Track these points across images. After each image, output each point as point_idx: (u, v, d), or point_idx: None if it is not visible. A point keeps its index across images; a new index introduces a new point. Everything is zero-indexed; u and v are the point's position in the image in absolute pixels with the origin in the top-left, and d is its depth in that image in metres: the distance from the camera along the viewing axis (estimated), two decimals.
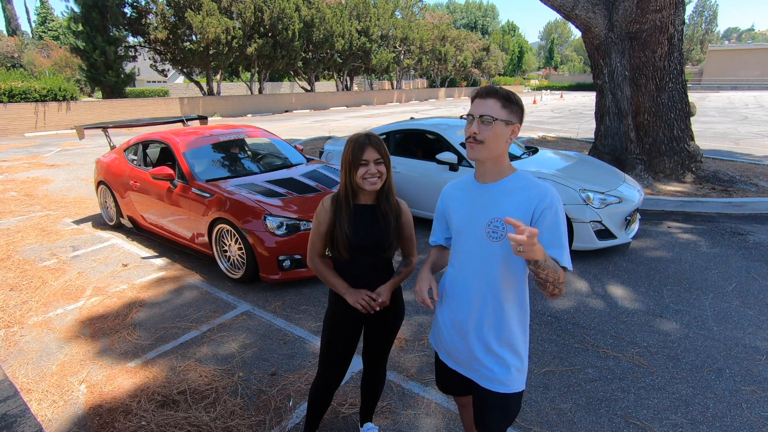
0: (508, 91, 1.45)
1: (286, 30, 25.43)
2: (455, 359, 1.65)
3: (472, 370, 1.59)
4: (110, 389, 2.74)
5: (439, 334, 1.72)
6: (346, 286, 1.85)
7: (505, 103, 1.43)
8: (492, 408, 1.58)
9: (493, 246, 1.47)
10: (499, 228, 1.45)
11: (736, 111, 22.03)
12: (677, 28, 7.01)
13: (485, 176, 1.53)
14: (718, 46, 57.55)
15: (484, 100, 1.44)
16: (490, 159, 1.47)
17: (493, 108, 1.42)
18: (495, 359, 1.53)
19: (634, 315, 3.48)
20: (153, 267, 4.61)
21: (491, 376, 1.54)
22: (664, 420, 2.40)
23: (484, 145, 1.44)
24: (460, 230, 1.56)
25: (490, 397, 1.56)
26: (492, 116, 1.41)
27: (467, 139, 1.47)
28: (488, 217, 1.48)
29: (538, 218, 1.43)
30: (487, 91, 1.45)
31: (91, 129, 6.07)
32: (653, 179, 7.22)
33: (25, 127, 17.72)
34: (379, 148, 1.76)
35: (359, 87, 45.22)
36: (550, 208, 1.42)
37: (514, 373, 1.53)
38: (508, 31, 78.46)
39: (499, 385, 1.53)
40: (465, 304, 1.56)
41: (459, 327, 1.59)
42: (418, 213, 5.46)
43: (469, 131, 1.45)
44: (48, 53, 38.58)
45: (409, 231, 1.94)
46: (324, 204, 1.86)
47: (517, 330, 1.54)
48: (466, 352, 1.59)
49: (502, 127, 1.42)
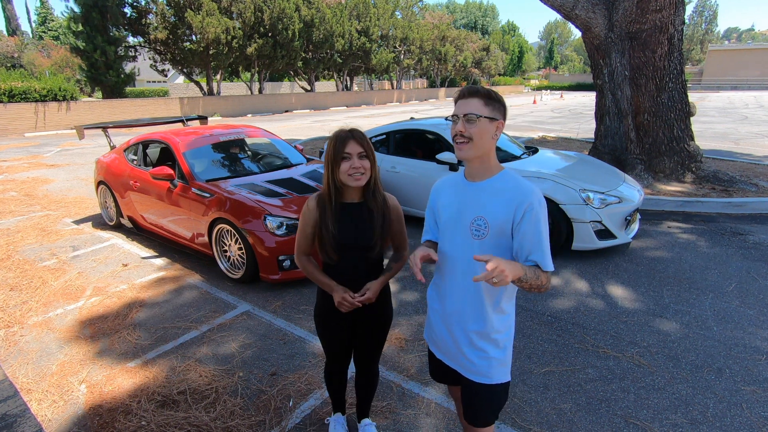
0: (489, 89, 1.50)
1: (286, 30, 25.43)
2: (443, 350, 1.73)
3: (457, 362, 1.66)
4: (110, 389, 2.74)
5: (429, 326, 1.80)
6: (333, 285, 1.84)
7: (487, 101, 1.48)
8: (477, 399, 1.64)
9: (476, 243, 1.52)
10: (482, 227, 1.51)
11: (736, 111, 22.02)
12: (677, 28, 7.01)
13: (473, 175, 1.58)
14: (718, 46, 57.55)
15: (467, 99, 1.50)
16: (477, 157, 1.52)
17: (476, 106, 1.47)
18: (477, 352, 1.59)
19: (634, 315, 3.48)
20: (153, 267, 4.61)
21: (474, 368, 1.60)
22: (664, 420, 2.40)
23: (472, 142, 1.48)
24: (447, 226, 1.62)
25: (474, 388, 1.63)
26: (476, 114, 1.47)
27: (454, 138, 1.52)
28: (473, 215, 1.53)
29: (519, 221, 1.46)
30: (469, 91, 1.51)
31: (91, 129, 6.07)
32: (653, 179, 7.22)
33: (25, 127, 17.72)
34: (362, 142, 1.74)
35: (359, 87, 45.22)
36: (531, 211, 1.45)
37: (496, 366, 1.59)
38: (508, 31, 78.49)
39: (482, 377, 1.60)
40: (450, 297, 1.63)
41: (445, 319, 1.66)
42: (417, 213, 5.47)
43: (456, 130, 1.50)
44: (48, 53, 38.58)
45: (398, 226, 1.91)
46: (309, 204, 1.84)
47: (499, 324, 1.58)
48: (451, 344, 1.66)
49: (487, 123, 1.48)
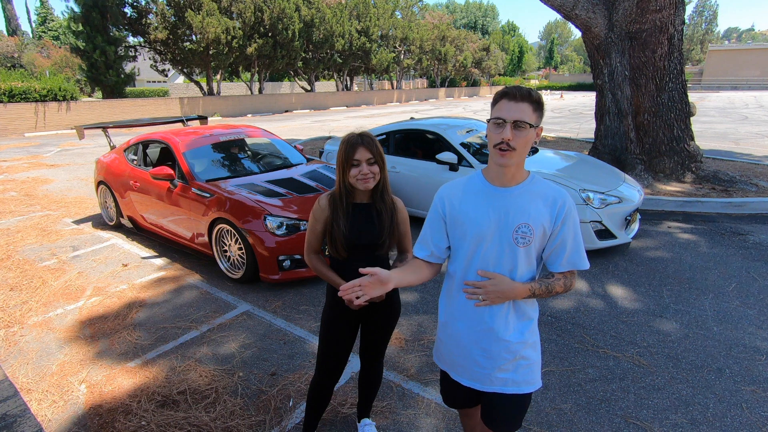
0: (537, 93, 1.38)
1: (286, 30, 25.43)
2: (470, 374, 1.57)
3: (488, 380, 1.53)
4: (110, 389, 2.74)
5: (446, 349, 1.62)
6: (341, 283, 1.85)
7: (536, 107, 1.36)
8: (509, 410, 1.56)
9: (521, 251, 1.44)
10: (527, 233, 1.41)
11: (736, 111, 22.02)
12: (677, 28, 7.01)
13: (505, 181, 1.45)
14: (718, 46, 57.53)
15: (517, 103, 1.34)
16: (515, 165, 1.42)
17: (527, 113, 1.34)
18: (519, 361, 1.51)
19: (634, 315, 3.48)
20: (153, 267, 4.61)
21: (515, 378, 1.51)
22: (664, 420, 2.40)
23: (516, 152, 1.36)
24: (481, 236, 1.45)
25: (506, 400, 1.54)
26: (527, 122, 1.33)
27: (497, 145, 1.36)
28: (517, 222, 1.42)
29: (560, 224, 1.44)
30: (522, 94, 1.34)
31: (91, 129, 6.07)
32: (653, 179, 7.22)
33: (25, 127, 17.72)
34: (371, 148, 1.76)
35: (359, 87, 45.20)
36: (570, 213, 1.44)
37: (536, 371, 1.55)
38: (508, 31, 78.44)
39: (525, 387, 1.52)
40: (488, 311, 1.49)
41: (475, 337, 1.52)
42: (417, 213, 5.47)
43: (502, 137, 1.34)
44: (48, 53, 38.58)
45: (404, 228, 1.95)
46: (320, 202, 1.88)
47: (535, 328, 1.55)
48: (482, 363, 1.52)
49: (533, 132, 1.37)
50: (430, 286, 4.03)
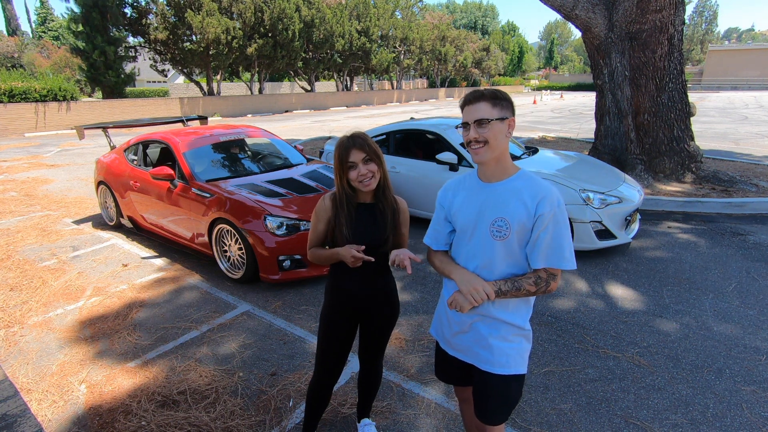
0: (493, 89, 1.50)
1: (286, 30, 25.43)
2: (456, 347, 1.69)
3: (473, 355, 1.63)
4: (110, 389, 2.74)
5: (440, 323, 1.76)
6: (339, 249, 1.80)
7: (494, 101, 1.47)
8: (492, 392, 1.60)
9: (497, 243, 1.52)
10: (503, 227, 1.50)
11: (736, 111, 22.03)
12: (677, 28, 7.01)
13: (490, 176, 1.56)
14: (718, 46, 57.52)
15: (473, 105, 1.49)
16: (494, 159, 1.51)
17: (485, 109, 1.47)
18: (498, 341, 1.57)
19: (634, 315, 3.48)
20: (153, 267, 4.61)
21: (492, 358, 1.58)
22: (664, 420, 2.40)
23: (488, 145, 1.48)
24: (465, 229, 1.59)
25: (490, 380, 1.59)
26: (486, 118, 1.46)
27: (468, 144, 1.50)
28: (493, 217, 1.51)
29: (536, 219, 1.47)
30: (474, 96, 1.49)
31: (91, 129, 6.07)
32: (653, 179, 7.22)
33: (26, 127, 17.72)
34: (363, 147, 1.75)
35: (359, 87, 45.20)
36: (550, 211, 1.46)
37: (515, 356, 1.58)
38: (508, 31, 78.46)
39: (500, 368, 1.57)
40: None
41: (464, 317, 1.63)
42: (418, 213, 5.47)
43: (469, 137, 1.49)
44: (48, 53, 38.58)
45: (404, 229, 1.96)
46: (324, 202, 1.87)
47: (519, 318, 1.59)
48: (468, 338, 1.63)
49: (498, 124, 1.47)
50: (430, 286, 4.03)
